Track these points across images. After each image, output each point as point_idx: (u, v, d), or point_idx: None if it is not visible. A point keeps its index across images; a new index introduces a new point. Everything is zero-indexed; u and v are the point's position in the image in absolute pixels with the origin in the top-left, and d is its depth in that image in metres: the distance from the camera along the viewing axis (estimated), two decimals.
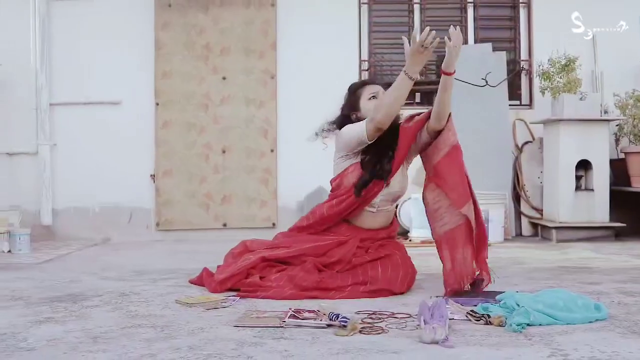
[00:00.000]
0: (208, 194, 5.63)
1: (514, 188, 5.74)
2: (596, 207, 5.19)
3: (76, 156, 5.66)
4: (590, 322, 2.36)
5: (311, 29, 5.74)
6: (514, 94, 5.91)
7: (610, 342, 2.10)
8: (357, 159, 3.09)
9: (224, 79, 5.66)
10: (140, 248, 5.07)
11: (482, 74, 5.64)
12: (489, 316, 2.37)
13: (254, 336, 2.21)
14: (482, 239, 2.94)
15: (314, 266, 2.97)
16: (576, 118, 5.17)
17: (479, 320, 2.37)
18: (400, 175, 3.13)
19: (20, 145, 5.62)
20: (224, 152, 5.65)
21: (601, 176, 5.20)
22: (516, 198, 5.74)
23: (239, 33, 5.66)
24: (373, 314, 2.52)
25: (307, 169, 5.37)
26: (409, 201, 5.23)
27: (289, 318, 2.36)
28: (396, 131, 3.03)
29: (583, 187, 5.28)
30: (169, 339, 2.18)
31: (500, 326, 2.30)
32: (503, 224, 5.33)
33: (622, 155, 5.47)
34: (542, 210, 5.59)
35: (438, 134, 2.99)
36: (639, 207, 5.52)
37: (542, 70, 5.42)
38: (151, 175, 5.67)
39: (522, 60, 5.93)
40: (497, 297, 2.59)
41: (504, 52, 5.78)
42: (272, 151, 5.68)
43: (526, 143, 5.80)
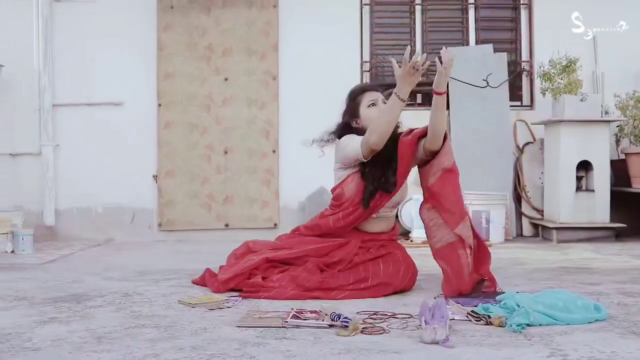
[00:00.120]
0: (210, 194, 5.65)
1: (514, 188, 5.75)
2: (597, 207, 5.20)
3: (79, 157, 5.68)
4: (590, 322, 2.38)
5: (313, 30, 5.76)
6: (515, 94, 5.93)
7: (610, 343, 2.12)
8: (356, 168, 3.11)
9: (226, 80, 5.68)
10: (142, 248, 5.09)
11: (484, 75, 5.66)
12: (489, 317, 2.39)
13: (257, 336, 2.23)
14: (483, 252, 2.97)
15: (316, 266, 3.01)
16: (577, 119, 5.18)
17: (479, 321, 2.39)
18: None
19: (23, 146, 5.64)
20: (226, 152, 5.67)
21: (602, 177, 5.21)
22: (517, 198, 5.75)
23: (240, 34, 5.68)
24: (374, 314, 2.54)
25: (308, 169, 5.37)
26: (409, 202, 5.23)
27: (291, 318, 2.38)
28: (396, 142, 3.05)
29: (584, 187, 5.29)
30: (172, 339, 2.20)
31: (500, 326, 2.32)
32: (504, 224, 5.35)
33: (622, 156, 5.47)
34: (542, 211, 5.60)
35: (434, 154, 2.99)
36: (639, 207, 5.53)
37: (543, 71, 5.44)
38: (153, 176, 5.69)
39: (523, 62, 5.94)
40: (498, 297, 2.61)
41: (505, 53, 5.79)
42: (274, 152, 5.69)
43: (527, 144, 5.81)
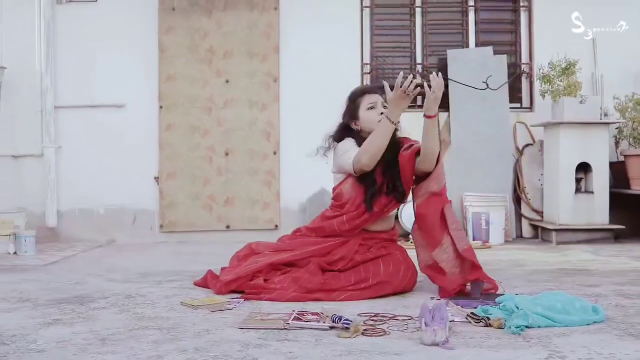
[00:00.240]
0: (211, 195, 5.67)
1: (514, 190, 5.77)
2: (596, 209, 5.23)
3: (81, 158, 5.70)
4: (588, 324, 2.41)
5: (313, 32, 5.78)
6: (514, 96, 5.94)
7: (607, 344, 2.14)
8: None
9: (227, 82, 5.70)
10: (144, 250, 5.11)
11: (483, 77, 5.69)
12: (488, 318, 2.41)
13: (259, 338, 2.25)
14: (472, 265, 2.99)
15: (317, 267, 3.05)
16: (576, 121, 5.20)
17: (478, 323, 2.41)
18: None
19: (25, 148, 5.66)
20: (227, 154, 5.69)
21: (601, 179, 5.24)
22: (517, 200, 5.78)
23: (242, 36, 5.70)
24: (375, 316, 2.57)
25: (309, 171, 5.33)
26: (410, 204, 5.23)
27: (292, 320, 2.41)
28: (396, 146, 3.11)
29: (583, 189, 5.31)
30: (175, 341, 2.23)
31: (499, 328, 2.35)
32: (503, 225, 5.38)
33: (621, 158, 5.49)
34: (542, 213, 5.62)
35: (426, 175, 3.07)
36: (638, 209, 5.55)
37: (543, 73, 5.46)
38: (155, 178, 5.71)
39: (523, 64, 5.96)
40: (497, 299, 2.63)
41: (505, 55, 5.81)
42: (275, 153, 5.72)
43: (527, 145, 5.83)
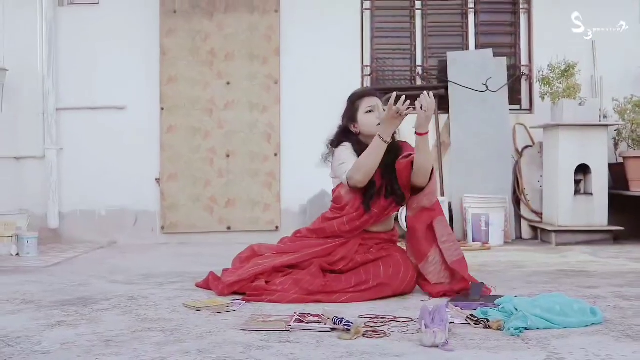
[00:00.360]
0: (212, 197, 5.70)
1: (514, 192, 5.80)
2: (595, 211, 5.25)
3: (82, 160, 5.73)
4: (586, 326, 2.43)
5: (314, 34, 5.80)
6: (514, 98, 5.96)
7: (605, 346, 2.17)
8: None
9: (228, 84, 5.73)
10: (145, 251, 5.14)
11: (483, 79, 5.72)
12: (487, 320, 2.44)
13: (261, 340, 2.28)
14: (461, 277, 3.08)
15: (319, 270, 3.08)
16: (575, 123, 5.23)
17: (478, 325, 2.44)
18: None
19: (27, 150, 5.69)
20: (228, 156, 5.72)
21: (600, 180, 5.26)
22: (516, 202, 5.80)
23: (243, 39, 5.73)
24: (375, 317, 2.59)
25: (310, 172, 5.32)
26: None
27: (294, 322, 2.44)
28: (396, 150, 3.16)
29: (582, 191, 5.34)
30: (178, 343, 2.26)
31: (498, 330, 2.37)
32: (503, 227, 5.40)
33: (620, 160, 5.52)
34: (541, 214, 5.65)
35: (420, 189, 3.13)
36: (637, 210, 5.58)
37: (542, 75, 5.49)
38: (156, 179, 5.74)
39: (523, 66, 5.99)
40: (496, 301, 2.66)
41: (505, 57, 5.84)
42: (276, 155, 5.74)
43: (526, 147, 5.85)
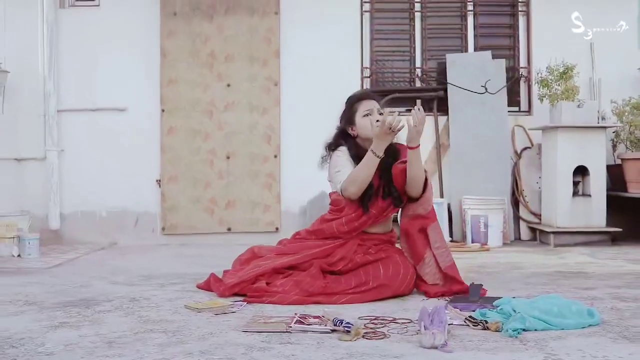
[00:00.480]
0: (212, 198, 5.73)
1: (512, 193, 5.82)
2: (593, 212, 5.28)
3: (83, 161, 5.75)
4: (584, 327, 2.46)
5: (314, 36, 5.83)
6: (513, 100, 5.99)
7: (602, 347, 2.20)
8: None
9: (228, 86, 5.76)
10: (146, 252, 5.16)
11: (482, 81, 5.75)
12: (486, 322, 2.46)
13: (262, 341, 2.31)
14: (456, 280, 3.17)
15: (319, 271, 3.11)
16: (574, 125, 5.26)
17: (476, 326, 2.46)
18: None
19: (28, 151, 5.71)
20: (228, 157, 5.75)
21: (598, 182, 5.29)
22: (515, 203, 5.83)
23: (243, 41, 5.76)
24: (375, 319, 2.62)
25: (309, 174, 5.34)
26: None
27: (295, 323, 2.47)
28: (395, 154, 3.21)
29: (580, 192, 5.37)
30: (180, 344, 2.28)
31: (497, 331, 2.40)
32: (502, 228, 5.43)
33: (618, 162, 5.54)
34: (540, 215, 5.68)
35: (414, 199, 3.21)
36: (635, 212, 5.61)
37: (541, 77, 5.51)
38: (157, 181, 5.77)
39: (521, 68, 6.01)
40: (495, 303, 2.68)
41: (504, 59, 5.88)
42: (276, 157, 5.77)
43: (525, 149, 5.88)
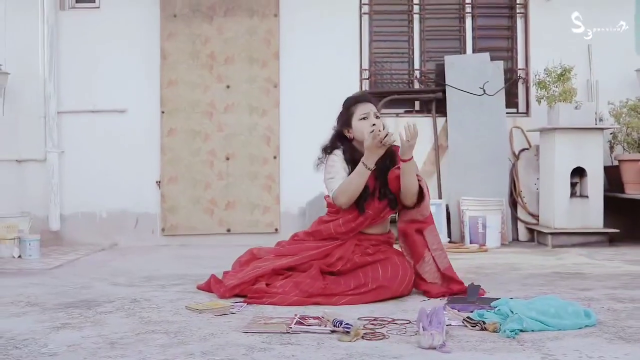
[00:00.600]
0: (212, 199, 5.75)
1: (510, 194, 5.85)
2: (591, 213, 5.31)
3: (83, 163, 5.77)
4: (580, 328, 2.49)
5: (313, 38, 5.86)
6: (511, 102, 6.02)
7: (598, 348, 2.23)
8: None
9: (228, 87, 5.78)
10: (146, 253, 5.18)
11: (480, 82, 5.78)
12: (484, 322, 2.49)
13: (263, 342, 2.34)
14: (455, 280, 3.24)
15: (318, 272, 3.14)
16: (571, 126, 5.28)
17: (474, 327, 2.49)
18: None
19: (28, 152, 5.74)
20: (227, 159, 5.77)
21: (595, 183, 5.32)
22: (513, 204, 5.86)
23: (242, 43, 5.79)
24: (374, 320, 2.65)
25: (309, 175, 5.37)
26: None
27: (295, 324, 2.49)
28: (392, 157, 3.24)
29: (578, 193, 5.40)
30: (182, 345, 2.31)
31: (494, 332, 2.43)
32: (500, 229, 5.46)
33: (616, 163, 5.56)
34: (538, 216, 5.71)
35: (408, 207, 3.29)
36: (632, 213, 5.64)
37: (539, 79, 5.54)
38: (157, 182, 5.79)
39: (519, 69, 6.04)
40: (492, 304, 2.72)
41: (502, 61, 5.91)
42: (275, 158, 5.80)
43: (523, 150, 5.91)
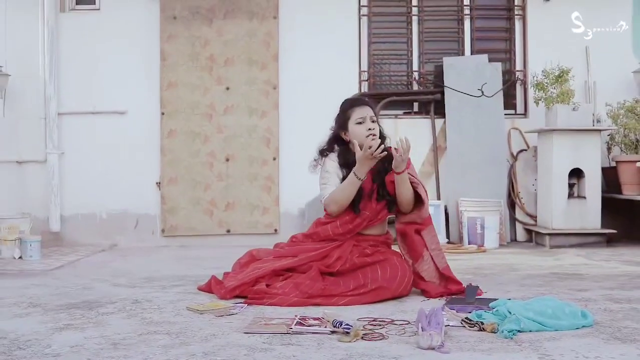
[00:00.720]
0: (212, 201, 5.78)
1: (509, 195, 5.88)
2: (588, 214, 5.34)
3: (84, 164, 5.80)
4: (577, 328, 2.52)
5: (312, 40, 5.89)
6: (509, 103, 6.04)
7: (594, 348, 2.25)
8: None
9: (227, 89, 5.81)
10: (146, 254, 5.21)
11: (479, 84, 5.82)
12: (482, 323, 2.52)
13: (263, 342, 2.36)
14: (453, 280, 3.31)
15: (318, 273, 3.17)
16: (569, 128, 5.31)
17: (473, 327, 2.52)
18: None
19: (29, 154, 5.77)
20: (227, 160, 5.80)
21: (593, 184, 5.35)
22: (511, 205, 5.89)
23: (242, 45, 5.82)
24: (374, 320, 2.68)
25: (308, 176, 5.42)
26: None
27: (295, 325, 2.52)
28: (386, 157, 3.25)
29: (576, 194, 5.43)
30: (184, 346, 2.33)
31: (492, 333, 2.45)
32: (498, 230, 5.50)
33: (613, 164, 5.61)
34: (536, 217, 5.74)
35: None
36: (629, 213, 5.68)
37: (537, 81, 5.57)
38: (157, 183, 5.82)
39: (517, 71, 6.07)
40: (490, 304, 2.75)
41: (500, 63, 5.94)
42: (274, 159, 5.83)
43: (521, 151, 5.94)
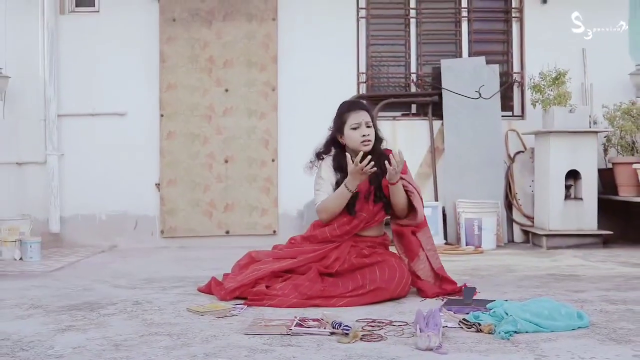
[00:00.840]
0: (211, 202, 5.81)
1: (506, 196, 5.92)
2: (585, 215, 5.37)
3: (83, 165, 5.83)
4: (573, 329, 2.55)
5: (311, 42, 5.92)
6: (506, 105, 6.08)
7: (590, 349, 2.29)
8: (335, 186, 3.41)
9: (226, 91, 5.84)
10: (146, 255, 5.23)
11: (476, 86, 5.85)
12: (479, 324, 2.55)
13: (264, 343, 2.39)
14: (448, 280, 3.39)
15: (317, 275, 3.20)
16: (566, 129, 5.34)
17: (470, 328, 2.55)
18: None
19: (29, 155, 5.79)
20: (226, 161, 5.83)
21: (590, 185, 5.39)
22: (508, 206, 5.92)
23: (241, 47, 5.84)
24: (372, 322, 2.71)
25: (306, 178, 5.46)
26: None
27: (295, 326, 2.55)
28: (382, 158, 3.29)
29: (572, 196, 5.46)
30: (185, 347, 2.36)
31: (489, 334, 2.49)
32: (495, 231, 5.53)
33: (610, 166, 5.64)
34: (533, 218, 5.78)
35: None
36: (626, 215, 5.72)
37: (534, 83, 5.60)
38: (156, 184, 5.84)
39: (515, 73, 6.10)
40: (488, 305, 2.78)
41: (497, 65, 5.97)
42: (273, 161, 5.85)
43: (518, 153, 5.97)
